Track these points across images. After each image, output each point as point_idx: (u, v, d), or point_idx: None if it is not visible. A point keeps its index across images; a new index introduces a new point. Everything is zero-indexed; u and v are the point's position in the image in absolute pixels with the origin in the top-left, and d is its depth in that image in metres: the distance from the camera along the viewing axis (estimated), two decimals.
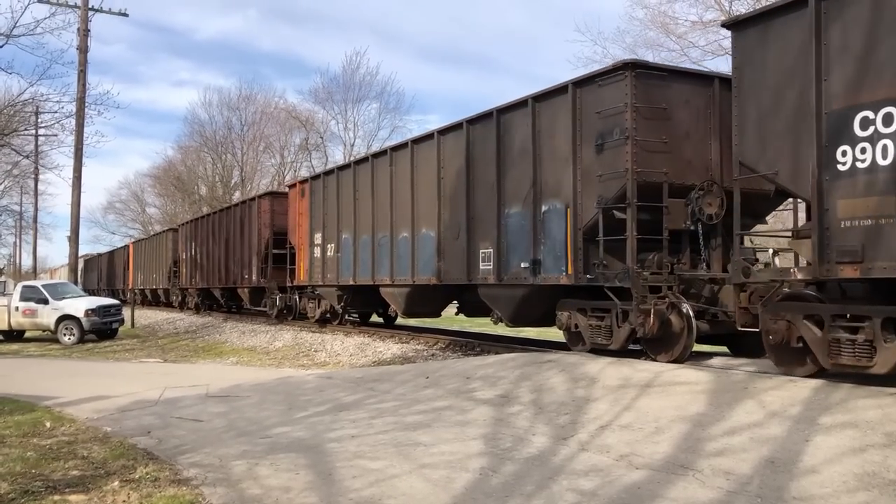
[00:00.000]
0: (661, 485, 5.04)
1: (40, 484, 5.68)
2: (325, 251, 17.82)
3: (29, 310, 21.65)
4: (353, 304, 17.82)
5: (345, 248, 16.84)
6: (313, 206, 18.61)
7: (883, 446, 5.20)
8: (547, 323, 11.43)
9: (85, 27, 24.84)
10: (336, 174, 17.58)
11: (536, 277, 10.70)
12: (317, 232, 18.35)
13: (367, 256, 15.63)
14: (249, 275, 23.36)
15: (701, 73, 10.83)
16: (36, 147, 37.01)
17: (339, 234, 17.09)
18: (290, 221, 20.34)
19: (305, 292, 20.10)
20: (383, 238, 15.06)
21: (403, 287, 14.52)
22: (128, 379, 12.39)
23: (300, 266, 19.40)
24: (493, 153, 11.75)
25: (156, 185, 66.93)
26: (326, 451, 6.42)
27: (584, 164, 9.87)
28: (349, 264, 16.50)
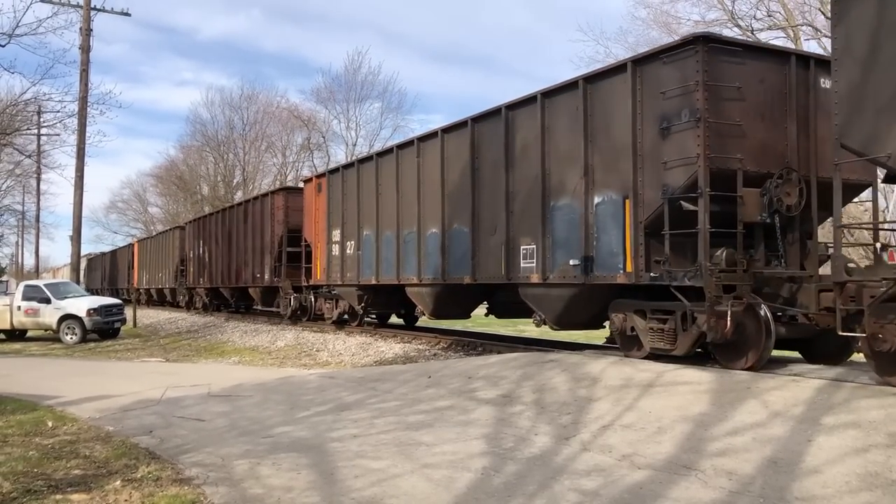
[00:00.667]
0: (663, 485, 5.03)
1: (42, 483, 5.68)
2: (344, 249, 16.91)
3: (31, 309, 21.67)
4: (374, 304, 16.87)
5: (366, 246, 15.90)
6: (331, 201, 17.61)
7: (886, 447, 5.19)
8: (595, 325, 10.85)
9: (87, 26, 24.87)
10: (356, 167, 16.51)
11: (588, 276, 9.74)
12: (335, 229, 17.40)
13: (391, 254, 14.73)
14: (262, 274, 22.52)
15: (777, 50, 9.83)
16: (38, 146, 37.07)
17: (360, 230, 16.12)
18: (305, 218, 19.46)
19: (321, 292, 19.28)
20: (409, 234, 14.16)
21: (432, 286, 13.63)
22: (130, 378, 12.40)
23: (317, 265, 18.48)
24: (535, 141, 10.77)
25: (158, 185, 67.07)
26: (328, 450, 6.42)
27: (646, 151, 8.95)
28: (371, 263, 15.60)
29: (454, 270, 12.77)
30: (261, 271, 22.58)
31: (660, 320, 8.99)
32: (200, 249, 29.46)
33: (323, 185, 18.23)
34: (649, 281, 8.94)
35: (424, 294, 14.06)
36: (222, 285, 26.75)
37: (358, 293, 16.68)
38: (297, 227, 20.56)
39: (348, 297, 17.43)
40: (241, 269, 24.47)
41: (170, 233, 36.00)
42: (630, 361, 8.84)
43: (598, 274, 9.66)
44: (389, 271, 14.86)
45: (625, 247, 9.22)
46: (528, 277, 10.91)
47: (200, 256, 29.48)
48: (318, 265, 18.39)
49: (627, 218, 9.19)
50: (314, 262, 18.64)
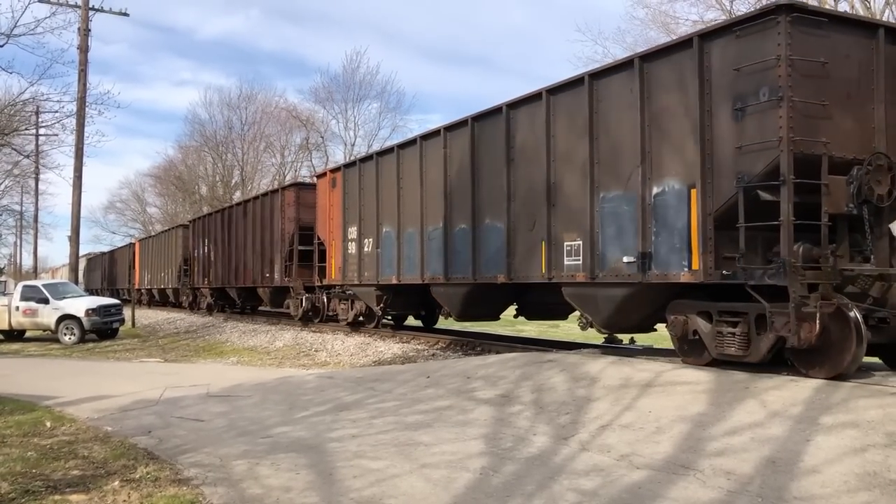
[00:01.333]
0: (661, 485, 5.04)
1: (41, 483, 5.67)
2: (361, 247, 15.94)
3: (29, 309, 21.66)
4: (393, 305, 15.97)
5: (386, 244, 14.95)
6: (347, 196, 16.66)
7: (884, 446, 5.19)
8: (647, 328, 10.11)
9: (85, 27, 24.86)
10: (375, 160, 15.53)
11: (646, 274, 8.76)
12: (351, 226, 16.44)
13: (415, 252, 13.80)
14: (271, 273, 21.63)
15: (864, 21, 8.82)
16: (36, 147, 37.04)
17: (380, 227, 15.18)
18: (318, 215, 18.58)
19: (335, 292, 18.32)
20: (435, 231, 13.21)
21: (461, 286, 12.70)
22: (128, 378, 12.39)
23: (331, 264, 17.52)
24: (582, 126, 9.77)
25: (156, 185, 67.15)
26: (327, 450, 6.42)
27: (716, 135, 8.05)
28: (391, 261, 14.68)
29: (486, 269, 11.85)
30: (270, 271, 21.77)
31: (729, 323, 8.03)
32: (205, 248, 28.67)
33: (338, 179, 17.25)
34: (720, 279, 7.99)
35: (451, 295, 13.18)
36: (228, 285, 26.03)
37: (377, 293, 15.76)
38: (308, 225, 19.83)
39: (366, 298, 16.55)
40: (248, 268, 23.70)
41: (172, 231, 35.04)
42: (628, 361, 8.83)
43: (656, 272, 8.69)
44: (412, 270, 13.95)
45: (690, 242, 8.31)
46: (573, 276, 9.93)
47: (205, 255, 28.67)
48: (332, 264, 17.48)
49: (694, 209, 8.26)
50: (328, 261, 17.74)
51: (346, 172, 16.92)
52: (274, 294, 22.17)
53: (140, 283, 40.69)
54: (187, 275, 31.58)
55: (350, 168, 16.94)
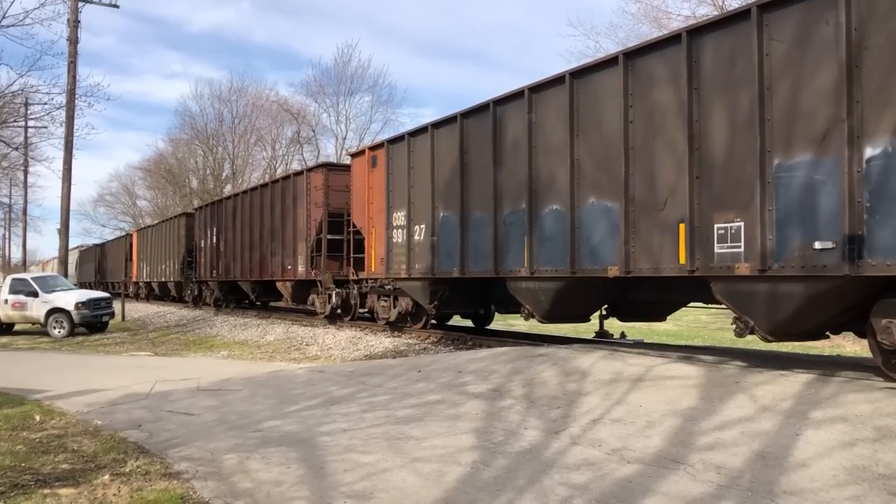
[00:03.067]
0: (652, 479, 5.05)
1: (30, 478, 5.65)
2: (410, 235, 13.84)
3: (18, 303, 21.55)
4: (449, 302, 13.83)
5: (444, 230, 12.89)
6: (392, 177, 14.51)
7: (873, 440, 5.23)
8: (818, 335, 8.15)
9: (75, 18, 24.66)
10: (430, 133, 13.23)
11: (854, 263, 6.59)
12: (398, 210, 14.31)
13: (485, 240, 11.71)
14: (293, 265, 19.60)
15: None
16: (25, 139, 36.72)
17: (435, 211, 13.08)
18: (354, 199, 16.36)
19: (373, 287, 16.35)
20: (513, 214, 11.05)
21: (552, 280, 10.47)
22: (118, 372, 12.34)
23: (371, 255, 15.39)
24: (745, 70, 7.53)
25: (146, 178, 66.92)
26: (318, 444, 6.41)
27: None
28: (451, 251, 12.59)
29: (590, 259, 9.61)
30: (292, 262, 19.69)
31: None
32: (213, 238, 26.52)
33: (380, 157, 15.02)
34: None
35: (538, 291, 10.88)
36: (242, 278, 23.99)
37: (430, 289, 13.60)
38: (339, 211, 17.99)
39: (415, 294, 14.42)
40: (266, 260, 21.69)
41: (175, 220, 32.61)
42: (619, 356, 8.86)
43: (872, 262, 6.50)
44: (481, 261, 11.85)
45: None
46: (731, 268, 7.76)
47: (214, 246, 26.52)
48: (373, 255, 15.36)
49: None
50: (367, 252, 15.60)
51: (392, 149, 14.62)
52: (297, 289, 20.28)
53: (138, 276, 38.78)
54: (191, 267, 29.67)
55: (396, 143, 14.56)
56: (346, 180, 17.48)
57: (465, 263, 12.25)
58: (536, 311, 11.24)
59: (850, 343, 13.94)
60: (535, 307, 11.19)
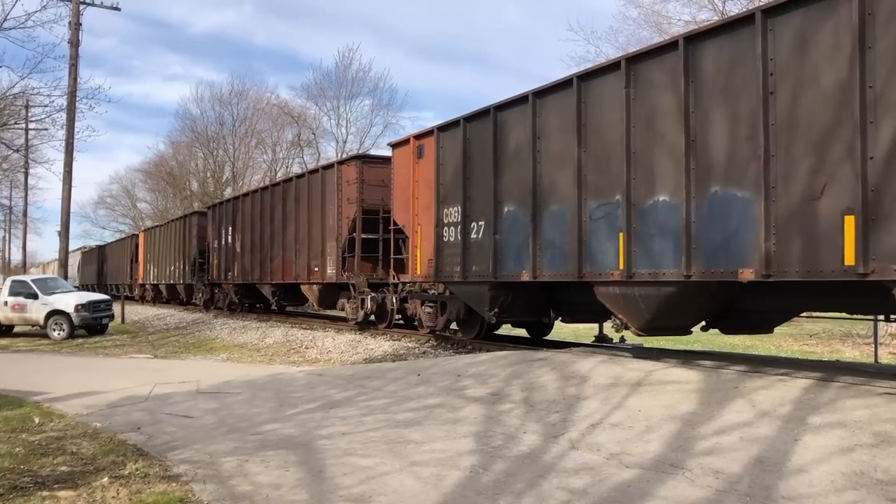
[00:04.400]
0: (651, 483, 5.06)
1: (29, 480, 5.65)
2: (466, 233, 12.26)
3: (18, 304, 21.55)
4: (511, 309, 12.03)
5: (509, 227, 11.29)
6: (443, 168, 13.01)
7: (871, 446, 5.23)
8: None
9: (76, 21, 24.70)
10: (492, 116, 11.56)
11: None
12: (450, 205, 12.80)
13: (564, 238, 10.07)
14: (321, 267, 18.17)
15: None
16: (26, 141, 36.82)
17: (499, 206, 11.48)
18: (395, 194, 14.79)
19: (415, 292, 14.83)
20: (603, 207, 9.43)
21: (657, 286, 8.83)
22: (118, 375, 12.34)
23: (416, 255, 13.87)
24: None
25: (147, 180, 67.02)
26: (317, 448, 6.41)
27: None
28: (520, 251, 10.98)
29: (712, 260, 7.97)
30: (320, 264, 18.26)
31: None
32: (229, 238, 25.11)
33: (427, 147, 13.54)
34: None
35: (638, 297, 9.19)
36: (260, 281, 22.59)
37: (491, 294, 11.94)
38: (374, 207, 16.68)
39: (470, 299, 12.83)
40: (289, 261, 20.22)
41: (186, 219, 30.93)
42: (619, 360, 8.86)
43: None
44: (558, 262, 10.22)
45: None
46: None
47: (229, 246, 25.11)
48: (418, 256, 13.82)
49: None
50: (412, 252, 14.06)
51: (443, 137, 13.09)
52: (324, 293, 18.84)
53: (144, 278, 37.24)
54: (203, 269, 28.17)
55: (449, 130, 12.97)
56: (382, 174, 16.21)
57: (538, 265, 10.62)
58: (633, 321, 9.53)
59: (849, 348, 13.94)
60: (631, 316, 9.46)
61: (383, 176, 16.17)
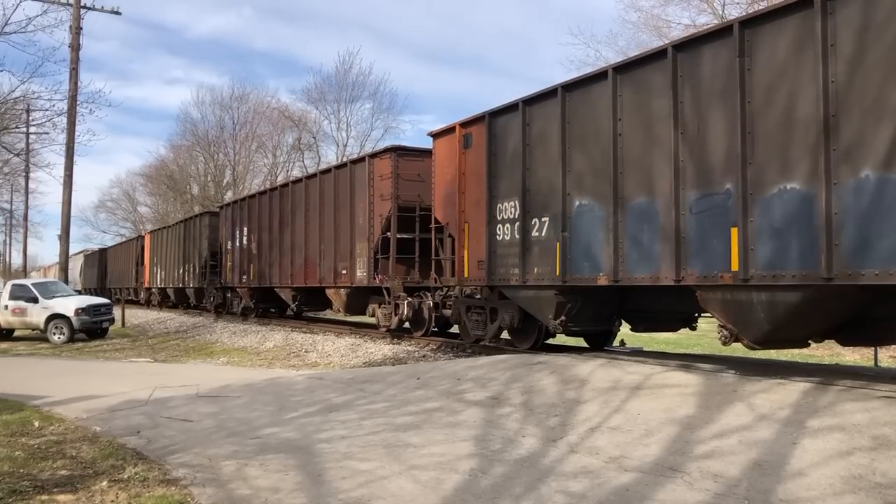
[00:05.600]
0: (649, 487, 5.06)
1: (28, 484, 5.65)
2: (526, 230, 10.89)
3: (18, 308, 21.56)
4: (578, 317, 10.54)
5: (582, 223, 9.89)
6: (496, 158, 11.64)
7: (870, 449, 5.24)
8: None
9: (77, 25, 24.76)
10: (560, 98, 10.16)
11: None
12: (505, 199, 11.40)
13: (654, 234, 8.76)
14: (350, 269, 16.75)
15: None
16: (27, 145, 36.89)
17: (567, 199, 10.10)
18: (437, 188, 13.43)
19: (459, 298, 13.43)
20: (708, 198, 8.07)
21: (783, 291, 7.49)
22: (117, 378, 12.34)
23: (463, 256, 12.50)
24: None
25: (147, 184, 67.09)
26: (316, 451, 6.42)
27: None
28: (595, 250, 9.61)
29: (860, 260, 6.66)
30: (348, 266, 16.86)
31: None
32: (244, 239, 23.77)
33: (476, 135, 12.18)
34: None
35: (757, 304, 7.83)
36: (280, 285, 21.09)
37: (558, 300, 10.42)
38: (410, 204, 15.31)
39: (530, 306, 11.27)
40: (312, 263, 18.85)
41: (197, 220, 29.30)
42: (618, 364, 8.87)
43: None
44: (648, 263, 8.86)
45: None
46: None
47: (244, 248, 23.72)
48: (465, 256, 12.47)
49: None
50: (459, 253, 12.69)
51: (496, 123, 11.74)
52: (353, 297, 17.37)
53: (151, 281, 35.61)
54: (215, 272, 26.54)
55: (503, 116, 11.60)
56: (419, 167, 14.98)
57: (619, 266, 9.22)
58: (748, 332, 8.10)
59: (849, 352, 13.94)
60: (746, 326, 8.05)
61: (420, 170, 15.00)
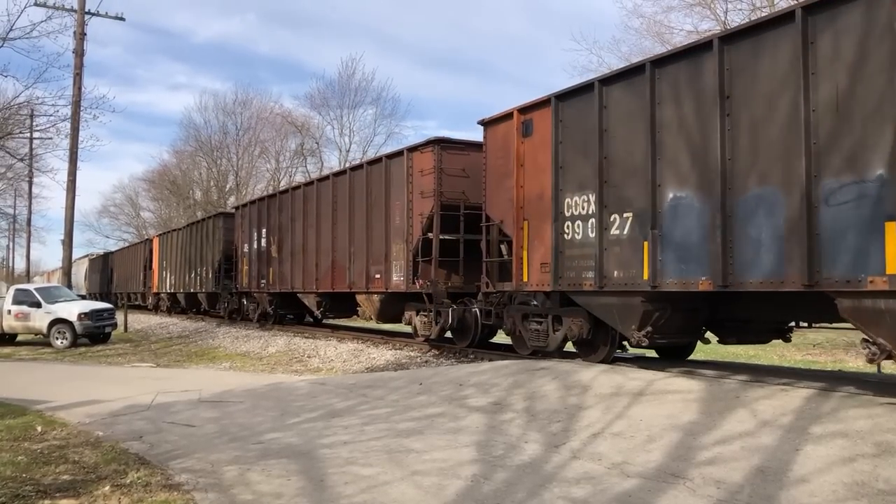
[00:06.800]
0: (652, 493, 5.05)
1: (31, 488, 5.66)
2: (603, 228, 9.67)
3: (21, 313, 21.59)
4: (665, 328, 9.32)
5: (677, 219, 8.64)
6: (564, 147, 10.43)
7: (873, 456, 5.23)
8: None
9: (81, 31, 24.81)
10: (649, 74, 8.96)
11: None
12: (577, 193, 10.17)
13: (777, 230, 7.48)
14: (384, 273, 15.45)
15: None
16: (31, 150, 36.90)
17: (658, 190, 8.85)
18: (489, 183, 12.22)
19: (512, 306, 11.87)
20: (849, 188, 6.85)
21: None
22: (120, 383, 12.35)
23: (522, 258, 11.28)
24: None
25: (150, 189, 67.22)
26: (318, 457, 6.42)
27: None
28: (696, 249, 8.36)
29: None
30: (383, 270, 15.54)
31: None
32: (262, 241, 22.63)
33: (540, 121, 10.92)
34: None
35: None
36: (304, 290, 19.77)
37: (645, 307, 9.17)
38: (453, 202, 14.04)
39: (608, 314, 9.87)
40: (340, 266, 17.58)
41: (210, 222, 28.00)
42: (621, 370, 8.86)
43: None
44: (769, 265, 7.56)
45: None
46: None
47: (263, 251, 22.58)
48: (524, 258, 11.27)
49: None
50: (517, 254, 11.42)
51: (564, 108, 10.49)
52: (387, 304, 16.14)
53: (159, 286, 34.38)
54: (229, 276, 25.43)
55: (573, 98, 10.37)
56: (464, 161, 13.99)
57: (728, 269, 7.95)
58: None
59: (853, 358, 13.91)
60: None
61: (465, 164, 13.94)
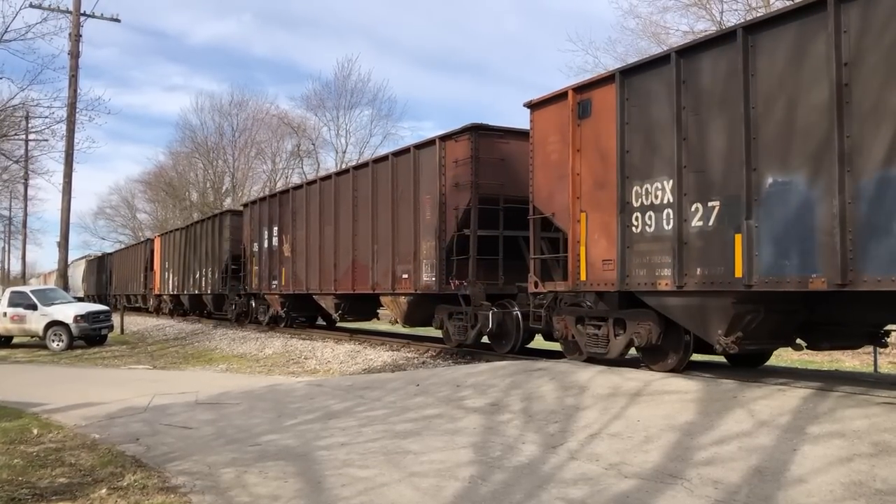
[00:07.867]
0: (649, 494, 5.05)
1: (27, 491, 5.64)
2: (682, 219, 8.45)
3: (17, 315, 21.54)
4: (758, 331, 8.14)
5: (778, 208, 7.41)
6: (631, 128, 9.23)
7: (870, 455, 5.23)
8: None
9: (76, 32, 24.76)
10: (741, 42, 7.74)
11: None
12: (647, 180, 8.96)
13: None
14: (414, 273, 14.26)
15: None
16: (26, 152, 36.93)
17: (752, 175, 7.60)
18: (536, 172, 10.94)
19: (562, 307, 10.55)
20: None
21: None
22: (116, 385, 12.32)
23: (580, 254, 10.03)
24: None
25: (147, 191, 67.18)
26: (316, 458, 6.40)
27: None
28: (805, 243, 7.11)
29: None
30: (412, 269, 14.35)
31: None
32: (273, 240, 21.58)
33: (601, 100, 9.77)
34: None
35: None
36: (321, 291, 18.64)
37: (736, 309, 8.02)
38: (491, 195, 12.89)
39: (688, 318, 8.72)
40: (362, 266, 16.39)
41: (216, 220, 26.84)
42: (618, 370, 8.86)
43: None
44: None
45: None
46: None
47: (274, 250, 21.50)
48: (582, 254, 10.04)
49: None
50: (574, 250, 10.15)
51: (630, 84, 9.31)
52: (415, 306, 14.86)
53: (161, 287, 33.41)
54: (237, 277, 24.40)
55: (643, 73, 9.20)
56: (503, 150, 12.90)
57: (848, 264, 6.72)
58: None
59: (849, 358, 13.94)
60: None
61: (503, 153, 12.86)
